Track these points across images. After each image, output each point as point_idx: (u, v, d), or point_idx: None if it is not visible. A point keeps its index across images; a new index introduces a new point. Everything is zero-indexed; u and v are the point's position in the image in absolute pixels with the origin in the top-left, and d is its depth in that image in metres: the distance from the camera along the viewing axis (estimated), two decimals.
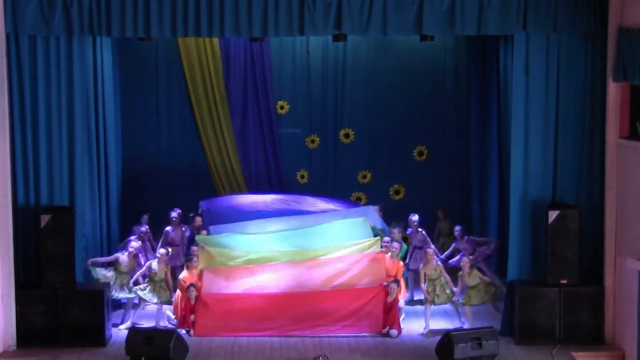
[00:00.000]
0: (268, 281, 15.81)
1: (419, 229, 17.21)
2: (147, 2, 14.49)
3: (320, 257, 15.94)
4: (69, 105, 14.95)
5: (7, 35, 14.50)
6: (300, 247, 16.25)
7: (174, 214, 17.28)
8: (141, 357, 14.06)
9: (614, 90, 14.76)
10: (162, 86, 19.65)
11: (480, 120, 18.51)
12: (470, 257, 16.20)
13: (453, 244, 17.16)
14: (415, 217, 17.44)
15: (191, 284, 15.56)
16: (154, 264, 15.81)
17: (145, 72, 19.48)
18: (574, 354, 14.58)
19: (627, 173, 14.60)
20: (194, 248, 16.26)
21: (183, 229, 17.27)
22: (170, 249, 16.50)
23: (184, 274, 15.87)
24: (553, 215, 14.86)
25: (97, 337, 14.84)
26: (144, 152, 19.56)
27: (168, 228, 17.18)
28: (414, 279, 17.03)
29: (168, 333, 14.38)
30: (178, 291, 15.86)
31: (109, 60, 16.43)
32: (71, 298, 14.82)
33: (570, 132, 15.09)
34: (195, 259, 15.92)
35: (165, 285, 15.79)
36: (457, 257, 16.50)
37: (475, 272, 15.68)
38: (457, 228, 17.21)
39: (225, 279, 15.79)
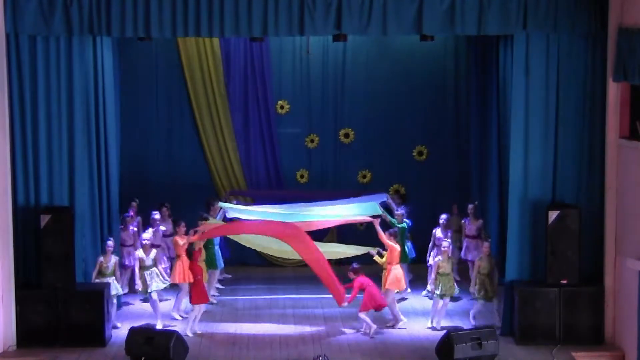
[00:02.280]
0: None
1: (478, 218, 17.44)
2: (147, 2, 14.50)
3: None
4: (69, 105, 14.97)
5: (7, 35, 14.51)
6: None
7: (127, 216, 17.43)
8: (141, 357, 14.07)
9: (614, 90, 14.77)
10: (162, 86, 19.67)
11: (480, 120, 18.54)
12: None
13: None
14: (472, 205, 17.67)
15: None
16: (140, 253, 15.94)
17: (145, 72, 19.49)
18: (574, 354, 14.59)
19: (627, 173, 14.60)
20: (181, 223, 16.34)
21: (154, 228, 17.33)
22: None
23: (175, 238, 16.00)
24: (553, 215, 14.86)
25: (97, 337, 14.85)
26: (144, 152, 19.58)
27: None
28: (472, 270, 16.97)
29: (168, 333, 14.40)
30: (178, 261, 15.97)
31: (109, 60, 16.42)
32: (71, 298, 14.82)
33: (570, 132, 15.09)
34: (182, 223, 16.02)
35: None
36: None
37: (493, 261, 15.69)
38: (480, 221, 17.51)
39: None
